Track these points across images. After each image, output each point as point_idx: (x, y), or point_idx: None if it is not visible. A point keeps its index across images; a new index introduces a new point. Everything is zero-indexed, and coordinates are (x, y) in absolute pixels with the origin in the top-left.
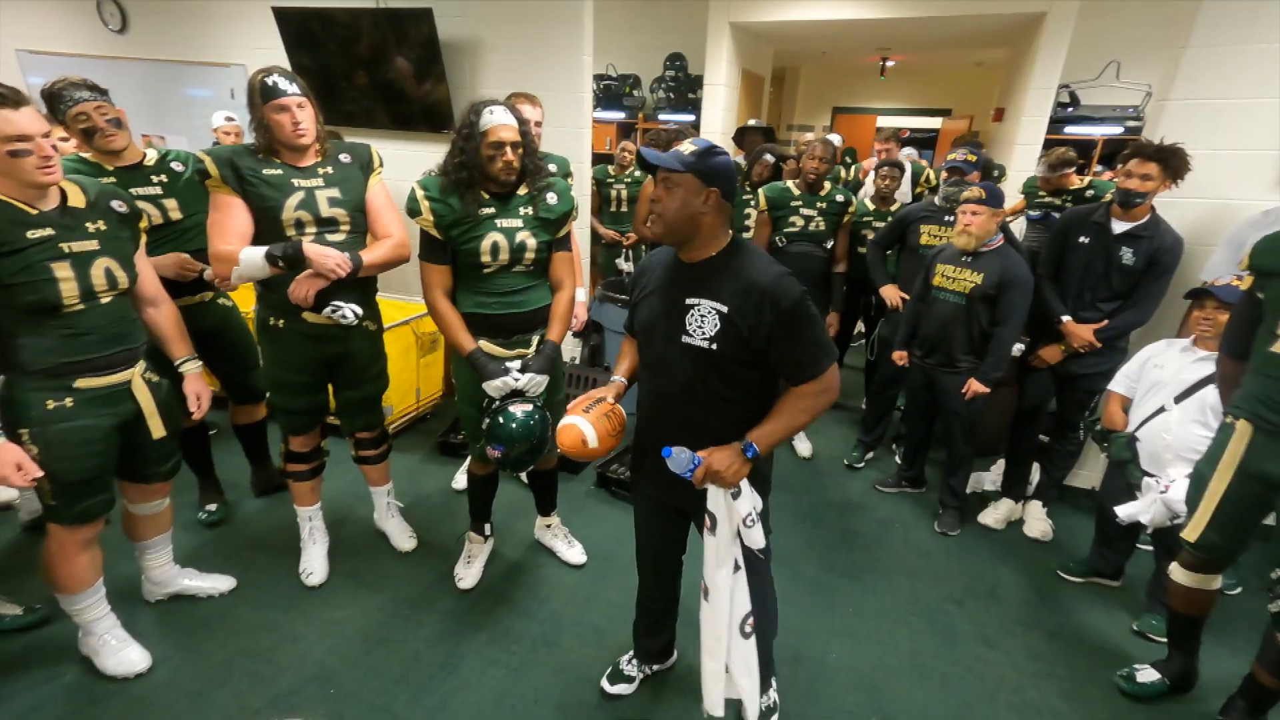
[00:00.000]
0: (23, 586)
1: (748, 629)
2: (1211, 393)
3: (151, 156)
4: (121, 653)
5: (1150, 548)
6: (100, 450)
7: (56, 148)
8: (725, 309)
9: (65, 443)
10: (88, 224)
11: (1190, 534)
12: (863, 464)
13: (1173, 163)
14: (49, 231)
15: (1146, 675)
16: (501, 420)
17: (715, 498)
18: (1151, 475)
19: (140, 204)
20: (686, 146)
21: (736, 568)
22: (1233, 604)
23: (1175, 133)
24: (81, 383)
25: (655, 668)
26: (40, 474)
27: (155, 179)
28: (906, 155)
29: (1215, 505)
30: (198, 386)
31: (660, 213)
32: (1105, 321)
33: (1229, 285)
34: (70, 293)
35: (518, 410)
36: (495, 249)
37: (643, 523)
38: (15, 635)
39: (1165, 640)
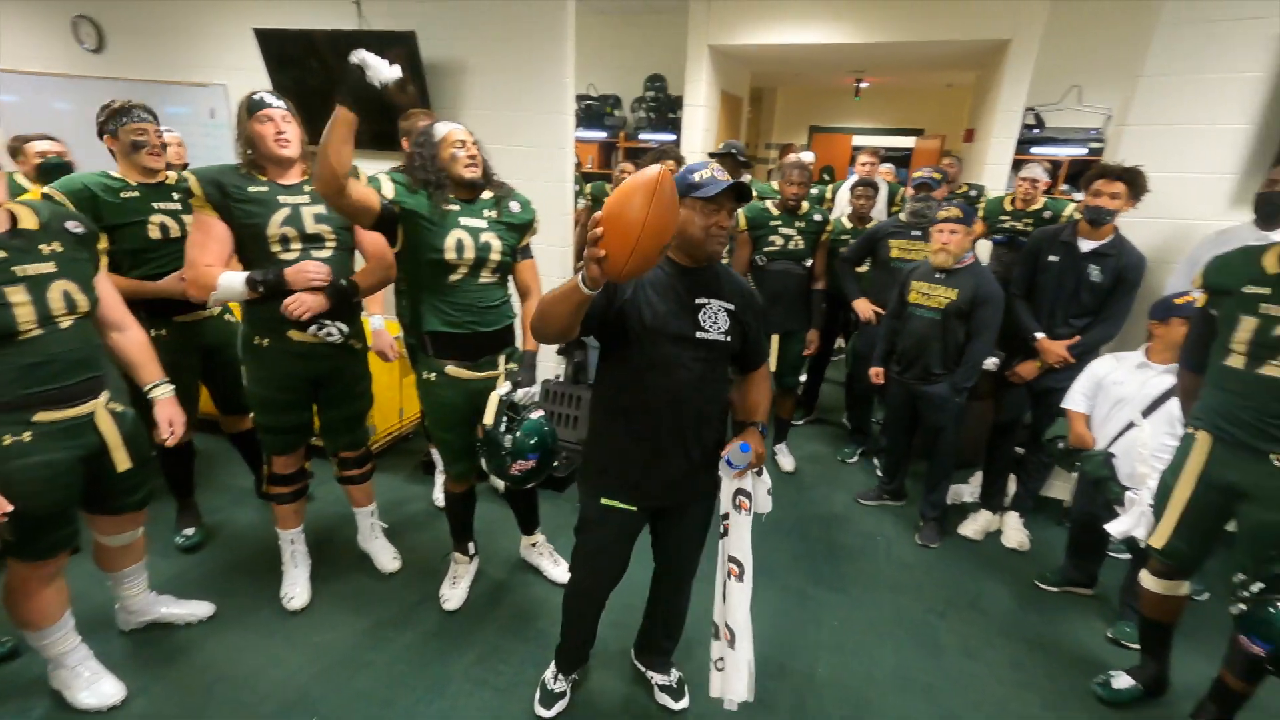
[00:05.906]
0: None
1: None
2: (1175, 405)
3: (172, 176)
4: (95, 685)
5: (1126, 555)
6: (64, 484)
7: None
8: (732, 307)
9: (25, 480)
10: (42, 246)
11: (1157, 541)
12: (855, 459)
13: (1137, 182)
14: (0, 255)
15: (1121, 681)
16: (527, 432)
17: (747, 479)
18: (1131, 490)
19: (162, 218)
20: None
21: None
22: (1202, 610)
23: (1134, 155)
24: (41, 416)
25: (579, 670)
26: (10, 507)
27: (175, 196)
28: (885, 172)
29: (1180, 513)
30: (170, 411)
31: (723, 236)
32: (1077, 337)
33: (1190, 303)
34: (26, 318)
35: (538, 418)
36: (460, 246)
37: (594, 556)
38: None
39: (1138, 647)
